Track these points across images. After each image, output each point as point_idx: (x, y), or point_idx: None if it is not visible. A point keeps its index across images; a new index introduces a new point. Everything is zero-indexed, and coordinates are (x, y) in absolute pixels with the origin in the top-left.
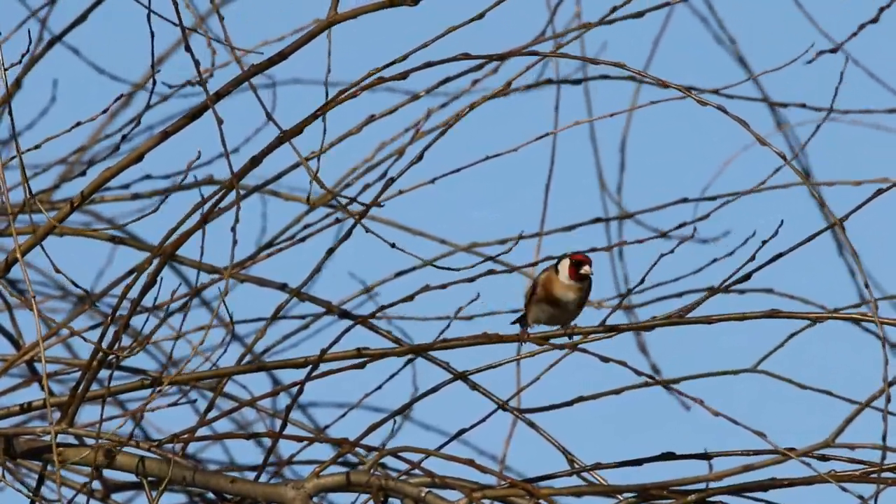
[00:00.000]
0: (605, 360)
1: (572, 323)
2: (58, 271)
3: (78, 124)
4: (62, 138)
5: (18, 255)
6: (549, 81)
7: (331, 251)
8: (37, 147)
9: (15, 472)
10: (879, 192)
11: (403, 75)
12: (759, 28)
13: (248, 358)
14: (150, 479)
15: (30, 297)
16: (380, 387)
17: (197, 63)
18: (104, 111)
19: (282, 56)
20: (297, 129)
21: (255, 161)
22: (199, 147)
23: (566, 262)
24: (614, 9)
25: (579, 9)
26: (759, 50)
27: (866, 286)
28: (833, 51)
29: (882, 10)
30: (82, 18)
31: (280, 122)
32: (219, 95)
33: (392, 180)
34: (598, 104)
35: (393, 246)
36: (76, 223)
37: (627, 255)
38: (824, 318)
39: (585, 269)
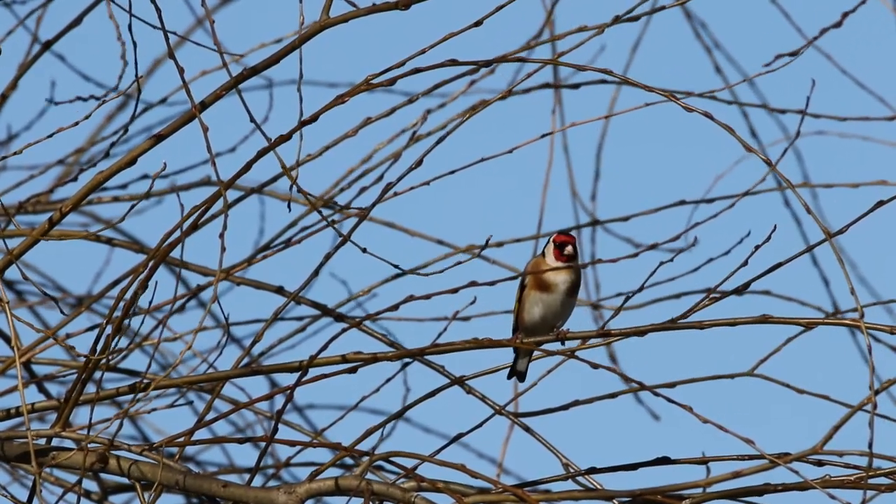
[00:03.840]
0: (595, 366)
1: (565, 327)
2: (26, 278)
3: (59, 130)
4: (61, 139)
5: None
6: (548, 85)
7: (328, 257)
8: (18, 153)
9: (13, 474)
10: (880, 203)
11: (391, 81)
12: (759, 30)
13: (245, 360)
14: (142, 482)
15: (5, 305)
16: (377, 390)
17: (181, 71)
18: (86, 117)
19: (274, 60)
20: (284, 138)
21: (246, 168)
22: (198, 146)
23: (550, 245)
24: (617, 18)
25: (551, 13)
26: (759, 52)
27: (852, 293)
28: (794, 54)
29: (846, 14)
30: (76, 23)
31: (279, 120)
32: (204, 105)
33: (390, 185)
34: (596, 107)
35: (364, 251)
36: (73, 224)
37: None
38: (815, 324)
39: (568, 249)
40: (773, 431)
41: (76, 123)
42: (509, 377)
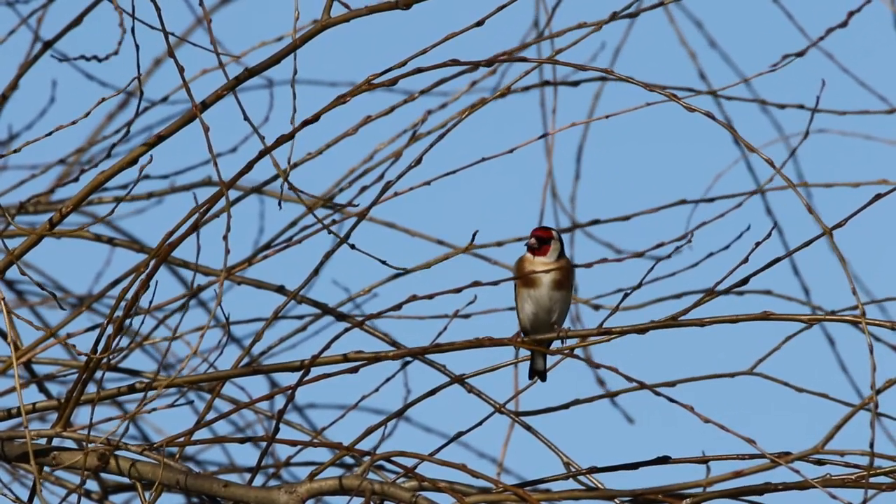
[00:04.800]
0: (597, 365)
1: (566, 326)
2: (24, 273)
3: (59, 128)
4: (62, 139)
5: None
6: (547, 83)
7: (328, 256)
8: (17, 151)
9: (14, 474)
10: (878, 196)
11: (393, 81)
12: (760, 30)
13: (245, 360)
14: (143, 482)
15: (5, 304)
16: (377, 389)
17: (181, 70)
18: (86, 115)
19: (275, 60)
20: (286, 138)
21: (247, 168)
22: (198, 146)
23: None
24: (614, 14)
25: (553, 13)
26: (760, 51)
27: (854, 293)
28: (799, 54)
29: (851, 14)
30: (77, 22)
31: (281, 119)
32: (205, 105)
33: (390, 184)
34: (597, 106)
35: (352, 247)
36: (74, 224)
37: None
38: (816, 321)
39: (531, 241)
40: (773, 430)
41: (75, 122)
42: (530, 377)
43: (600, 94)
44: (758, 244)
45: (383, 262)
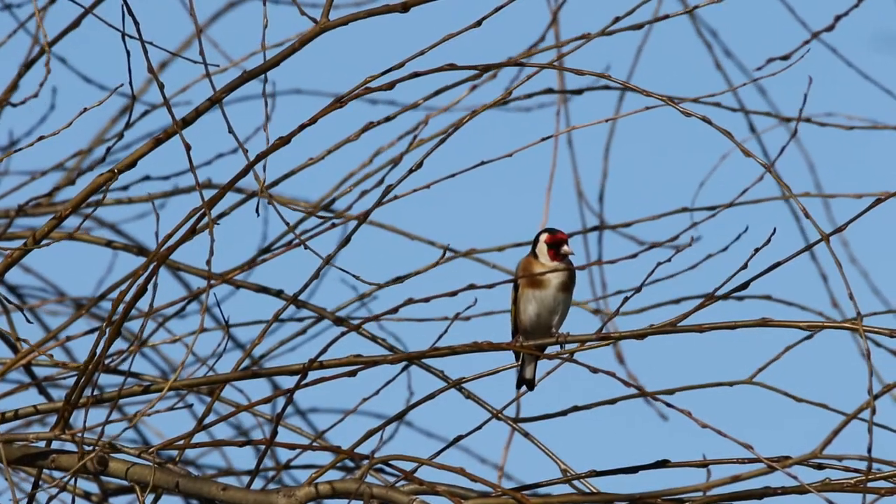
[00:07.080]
0: (595, 370)
1: (565, 330)
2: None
3: (41, 138)
4: (63, 142)
5: None
6: (550, 91)
7: (327, 259)
8: (17, 150)
9: (13, 476)
10: (878, 201)
11: (390, 85)
12: (762, 35)
13: (245, 363)
14: (141, 484)
15: (7, 308)
16: (377, 392)
17: (161, 86)
18: (68, 125)
19: (274, 63)
20: (285, 140)
21: (244, 172)
22: (201, 144)
23: (543, 246)
24: (616, 19)
25: (556, 15)
26: (765, 53)
27: (850, 298)
28: (784, 58)
29: (838, 18)
30: (74, 25)
31: (281, 122)
32: (199, 111)
33: (390, 188)
34: (600, 111)
35: (328, 262)
36: (74, 227)
37: (624, 261)
38: (816, 328)
39: (564, 248)
40: (773, 435)
41: (56, 133)
42: (518, 387)
43: (636, 101)
44: (757, 250)
45: (356, 278)
